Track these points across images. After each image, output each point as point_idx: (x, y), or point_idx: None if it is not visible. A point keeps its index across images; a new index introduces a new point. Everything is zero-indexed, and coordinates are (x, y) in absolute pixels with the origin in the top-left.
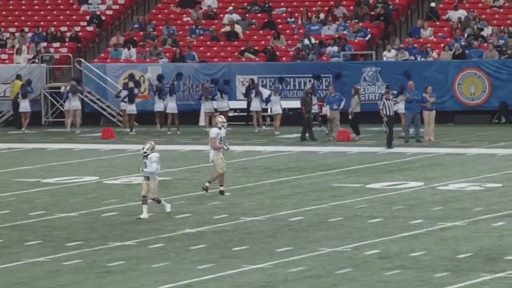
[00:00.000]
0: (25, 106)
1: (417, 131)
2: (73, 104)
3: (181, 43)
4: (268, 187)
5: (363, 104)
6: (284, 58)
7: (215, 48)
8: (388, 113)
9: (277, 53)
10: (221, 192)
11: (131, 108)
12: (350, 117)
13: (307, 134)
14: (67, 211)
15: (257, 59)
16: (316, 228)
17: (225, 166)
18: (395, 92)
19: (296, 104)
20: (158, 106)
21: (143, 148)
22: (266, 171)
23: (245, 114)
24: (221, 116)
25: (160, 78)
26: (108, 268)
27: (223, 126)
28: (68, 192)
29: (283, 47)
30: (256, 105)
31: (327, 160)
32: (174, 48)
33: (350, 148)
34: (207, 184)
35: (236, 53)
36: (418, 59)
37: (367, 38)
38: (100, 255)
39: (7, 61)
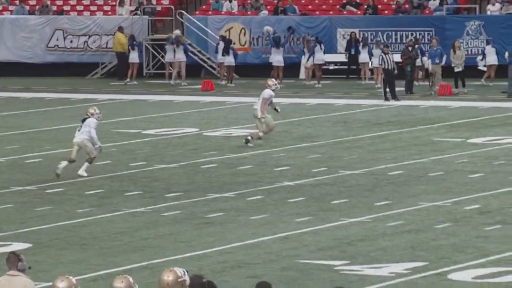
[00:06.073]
0: (133, 56)
1: None
2: (178, 56)
3: None
4: (368, 141)
5: (466, 59)
6: (386, 12)
7: (316, 1)
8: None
9: (379, 6)
10: (247, 141)
11: (229, 60)
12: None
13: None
14: (167, 162)
15: (358, 12)
16: (416, 182)
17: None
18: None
19: (398, 58)
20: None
21: (99, 113)
22: (367, 125)
23: (345, 67)
24: (273, 79)
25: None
26: (206, 220)
27: (276, 88)
28: (168, 143)
29: (385, 0)
30: (364, 57)
31: (428, 114)
32: (275, 1)
33: (452, 102)
34: (260, 137)
35: (338, 6)
36: None
37: None
38: (198, 206)
39: (109, 13)
